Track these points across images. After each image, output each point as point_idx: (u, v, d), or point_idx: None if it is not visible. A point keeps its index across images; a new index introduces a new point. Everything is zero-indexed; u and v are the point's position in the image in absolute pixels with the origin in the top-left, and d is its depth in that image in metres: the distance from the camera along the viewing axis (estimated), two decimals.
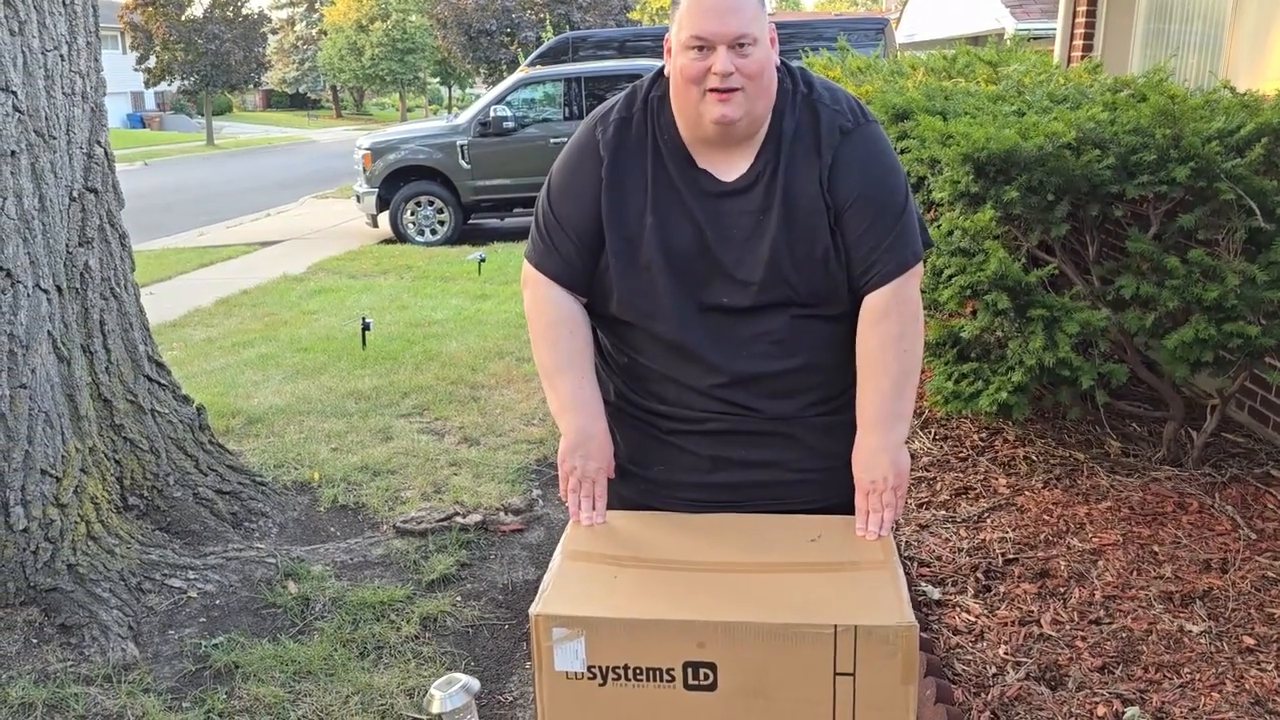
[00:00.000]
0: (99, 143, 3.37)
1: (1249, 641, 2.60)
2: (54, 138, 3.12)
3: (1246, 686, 2.43)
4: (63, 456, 3.04)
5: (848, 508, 1.77)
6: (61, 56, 3.16)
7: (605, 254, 1.76)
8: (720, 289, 1.74)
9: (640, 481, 1.86)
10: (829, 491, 1.81)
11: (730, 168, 1.73)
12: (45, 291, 3.05)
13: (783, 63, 1.76)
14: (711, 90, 1.64)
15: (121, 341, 3.41)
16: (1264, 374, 3.34)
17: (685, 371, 1.79)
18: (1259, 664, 2.52)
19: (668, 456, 1.84)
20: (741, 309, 1.75)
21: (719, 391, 1.78)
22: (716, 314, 1.76)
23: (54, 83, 3.12)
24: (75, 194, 3.24)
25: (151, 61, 32.78)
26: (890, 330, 1.72)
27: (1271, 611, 2.73)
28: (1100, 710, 2.38)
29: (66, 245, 3.19)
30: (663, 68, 1.76)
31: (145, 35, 31.95)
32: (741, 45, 1.62)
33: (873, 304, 1.73)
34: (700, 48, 1.63)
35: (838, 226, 1.71)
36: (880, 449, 1.74)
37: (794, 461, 1.81)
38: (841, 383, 1.81)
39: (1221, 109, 3.28)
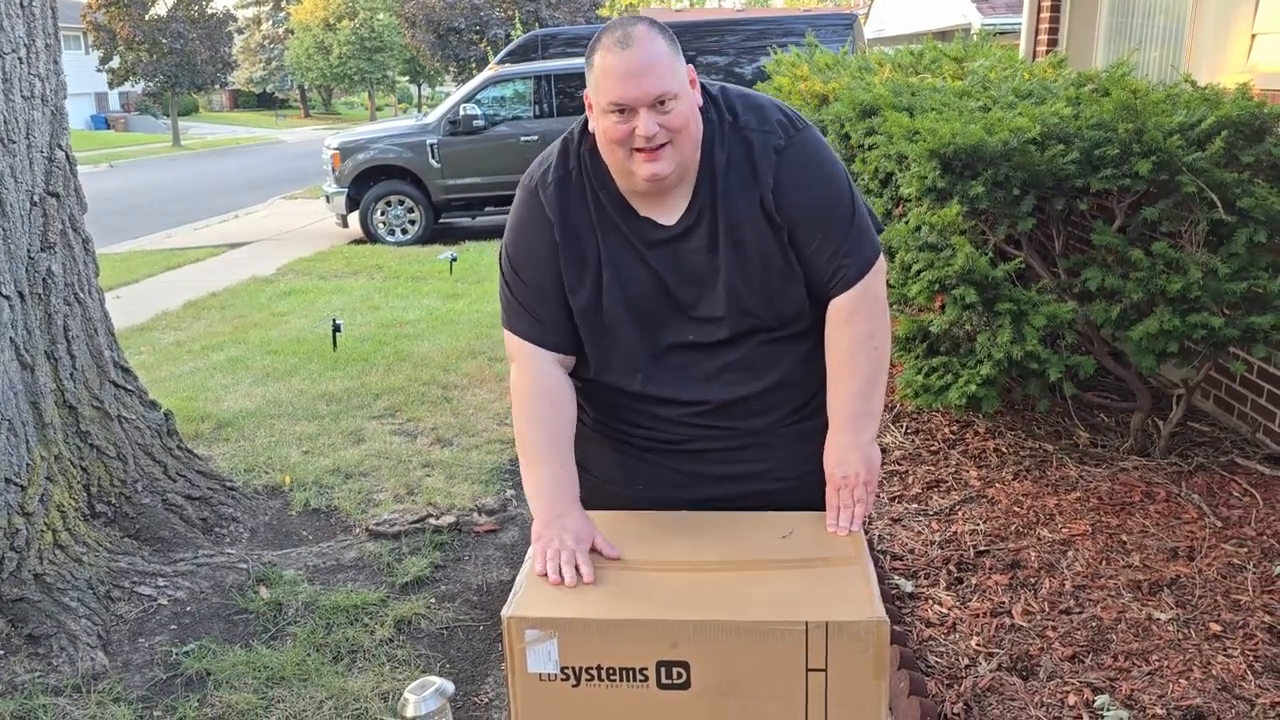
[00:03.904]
0: (60, 146, 3.32)
1: (1216, 628, 2.64)
2: (13, 142, 3.07)
3: (1214, 672, 2.47)
4: (28, 465, 3.00)
5: (823, 509, 1.78)
6: (20, 60, 3.11)
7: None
8: (686, 329, 1.74)
9: (622, 500, 1.85)
10: (807, 496, 1.81)
11: (669, 211, 1.72)
12: (7, 298, 3.00)
13: (704, 89, 1.73)
14: (638, 150, 1.62)
15: (86, 347, 3.37)
16: (1227, 364, 3.39)
17: (661, 408, 1.80)
18: (1225, 650, 2.55)
19: (649, 475, 1.85)
20: (707, 344, 1.75)
21: (694, 419, 1.79)
22: (682, 353, 1.76)
23: (12, 86, 3.07)
24: (36, 199, 3.19)
25: (115, 62, 32.32)
26: (859, 329, 1.73)
27: (1237, 598, 2.77)
28: (1071, 699, 2.41)
29: (28, 251, 3.15)
30: (587, 120, 1.72)
31: (108, 35, 31.48)
32: (662, 103, 1.60)
33: (840, 305, 1.74)
34: (621, 110, 1.60)
35: (792, 243, 1.71)
36: (852, 445, 1.75)
37: (772, 471, 1.82)
38: (811, 391, 1.82)
39: (1183, 103, 3.32)
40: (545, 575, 1.59)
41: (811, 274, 1.73)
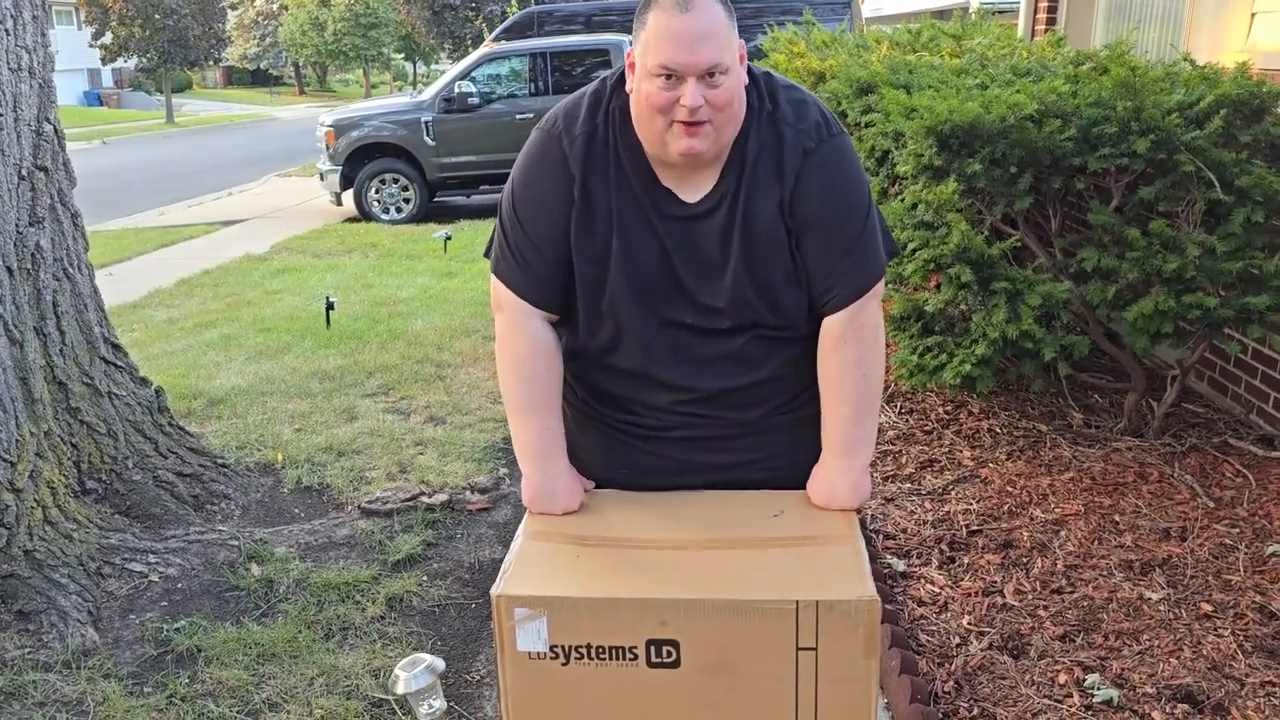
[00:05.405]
0: (48, 119, 3.28)
1: (1207, 608, 2.65)
2: (0, 115, 3.04)
3: (1204, 652, 2.47)
4: (17, 441, 2.98)
5: None
6: (6, 31, 3.07)
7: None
8: (683, 310, 1.69)
9: (606, 485, 1.83)
10: (796, 486, 1.79)
11: (694, 188, 1.66)
12: None
13: (749, 69, 1.66)
14: (679, 121, 1.55)
15: (76, 323, 3.34)
16: (1222, 345, 3.38)
17: (652, 393, 1.76)
18: (1216, 630, 2.56)
19: (634, 461, 1.81)
20: (704, 330, 1.70)
21: (683, 407, 1.75)
22: (678, 332, 1.71)
23: None
24: (24, 172, 3.16)
25: (108, 37, 32.03)
26: (848, 356, 1.69)
27: (1229, 578, 2.77)
28: (1062, 678, 2.41)
29: (16, 225, 3.12)
30: (623, 74, 1.65)
31: (101, 10, 31.19)
32: (712, 75, 1.53)
33: (830, 328, 1.70)
34: (668, 76, 1.53)
35: (799, 249, 1.66)
36: (843, 472, 1.72)
37: (760, 461, 1.79)
38: (803, 384, 1.77)
39: (1182, 81, 3.30)
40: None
41: (809, 284, 1.69)
